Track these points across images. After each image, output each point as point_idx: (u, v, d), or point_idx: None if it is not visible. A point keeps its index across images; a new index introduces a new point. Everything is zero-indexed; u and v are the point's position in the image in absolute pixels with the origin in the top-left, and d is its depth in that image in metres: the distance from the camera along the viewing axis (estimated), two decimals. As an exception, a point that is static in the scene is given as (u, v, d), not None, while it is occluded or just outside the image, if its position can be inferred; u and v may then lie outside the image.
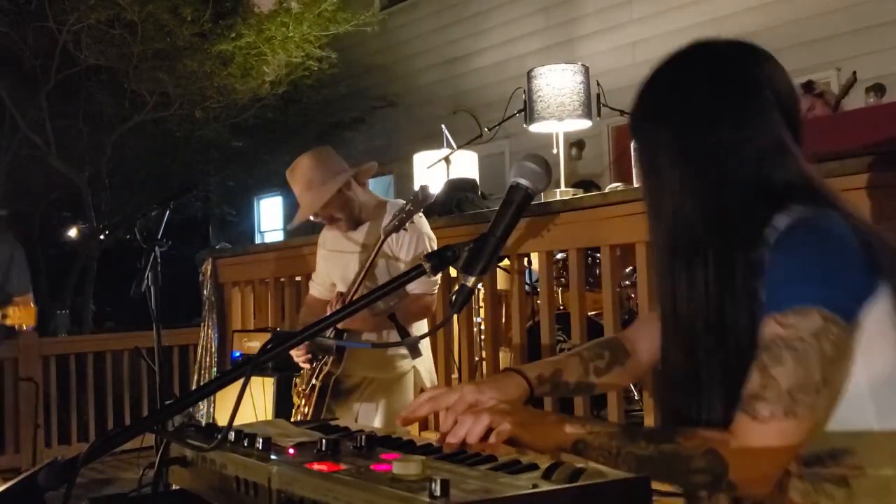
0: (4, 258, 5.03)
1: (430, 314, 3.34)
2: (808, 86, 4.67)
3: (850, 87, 4.58)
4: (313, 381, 3.23)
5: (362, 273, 3.13)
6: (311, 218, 3.33)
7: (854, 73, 4.73)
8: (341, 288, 3.34)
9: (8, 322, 4.51)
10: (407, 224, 3.05)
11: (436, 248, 3.26)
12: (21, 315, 4.48)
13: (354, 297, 3.16)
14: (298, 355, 3.26)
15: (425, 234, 3.26)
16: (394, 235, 3.17)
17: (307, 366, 3.28)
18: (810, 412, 1.17)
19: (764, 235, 1.23)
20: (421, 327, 3.33)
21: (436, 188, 5.39)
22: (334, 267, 3.42)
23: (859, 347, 1.19)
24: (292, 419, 3.27)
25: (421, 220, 3.29)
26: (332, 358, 3.21)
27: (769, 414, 1.16)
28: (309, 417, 3.21)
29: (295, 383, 3.36)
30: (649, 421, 3.35)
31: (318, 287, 3.56)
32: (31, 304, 4.61)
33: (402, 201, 3.27)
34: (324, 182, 3.19)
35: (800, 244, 1.19)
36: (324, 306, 3.41)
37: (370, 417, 3.26)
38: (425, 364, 3.37)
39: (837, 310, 1.16)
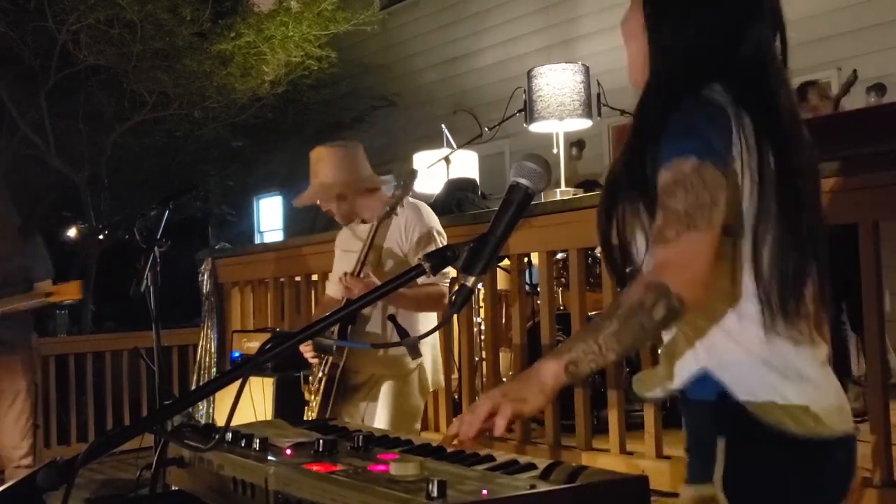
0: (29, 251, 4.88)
1: (442, 306, 3.32)
2: (802, 94, 4.62)
3: (851, 84, 4.57)
4: (320, 374, 3.24)
5: (363, 256, 3.13)
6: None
7: (854, 70, 4.72)
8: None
9: (54, 300, 4.39)
10: (398, 210, 3.12)
11: (443, 242, 3.27)
12: (66, 290, 4.38)
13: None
14: (307, 351, 3.26)
15: (434, 228, 3.25)
16: (402, 232, 3.20)
17: (315, 361, 3.27)
18: (709, 224, 1.34)
19: (670, 109, 1.42)
20: (430, 320, 3.31)
21: (436, 188, 5.41)
22: (346, 263, 3.42)
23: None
24: (305, 417, 3.26)
25: (431, 216, 3.29)
26: (334, 351, 3.21)
27: (675, 233, 1.34)
28: (317, 411, 3.20)
29: (308, 380, 3.35)
30: (649, 421, 3.35)
31: (334, 287, 3.56)
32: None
33: (411, 199, 3.31)
34: (324, 182, 3.29)
35: (684, 109, 1.41)
36: (337, 306, 3.40)
37: (376, 416, 3.26)
38: (431, 362, 3.36)
39: (709, 156, 1.36)
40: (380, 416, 3.24)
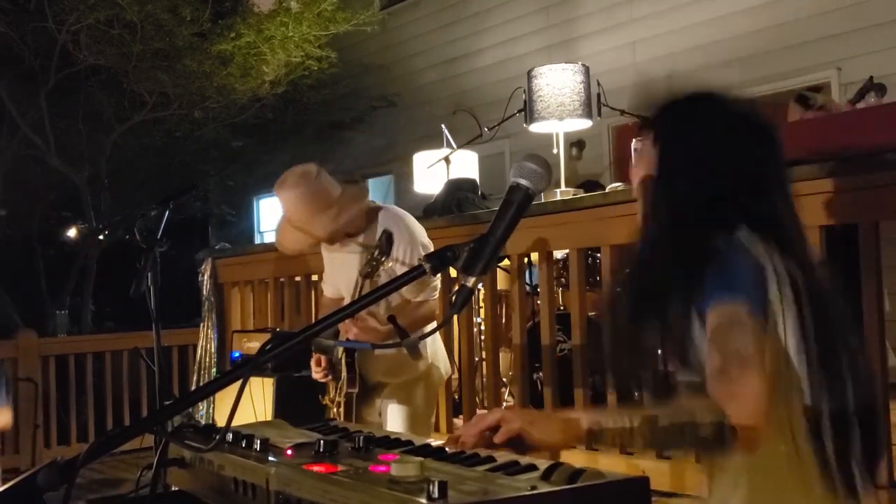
0: None
1: (437, 318, 3.32)
2: (804, 99, 4.61)
3: (867, 91, 4.56)
4: (338, 398, 3.23)
5: (358, 290, 3.07)
6: None
7: (871, 77, 4.71)
8: (345, 291, 3.33)
9: None
10: (379, 216, 3.14)
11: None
12: None
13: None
14: (317, 372, 3.23)
15: (420, 243, 3.22)
16: (393, 256, 3.12)
17: (326, 380, 3.25)
18: (761, 367, 1.38)
19: (707, 248, 1.48)
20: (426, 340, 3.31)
21: (436, 188, 5.41)
22: (338, 271, 3.40)
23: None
24: None
25: (416, 227, 3.26)
26: (346, 377, 3.16)
27: (738, 372, 1.37)
28: None
29: (327, 391, 3.33)
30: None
31: (329, 287, 3.55)
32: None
33: (393, 207, 3.31)
34: (311, 232, 3.21)
35: (722, 253, 1.47)
36: (338, 305, 3.40)
37: (390, 417, 3.26)
38: (442, 361, 3.36)
39: (754, 307, 1.42)
40: (395, 418, 3.24)
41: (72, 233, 10.70)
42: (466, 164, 5.90)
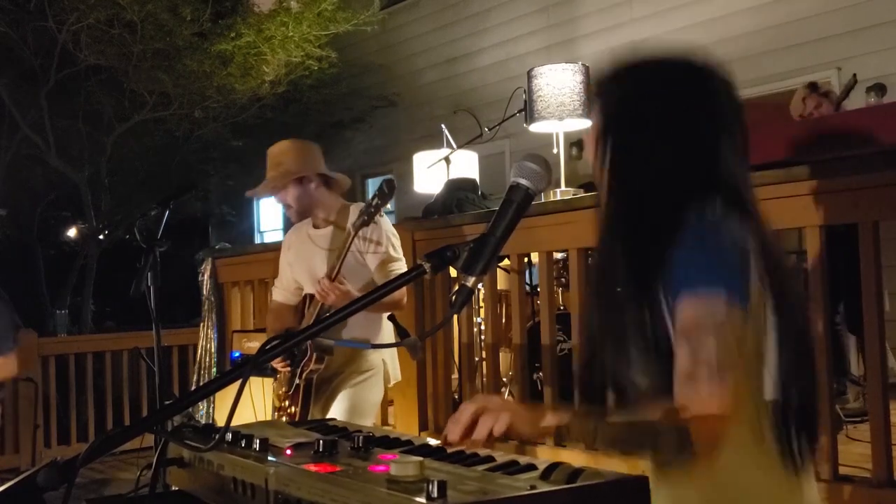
0: None
1: (401, 307, 3.33)
2: (814, 86, 4.67)
3: (851, 89, 4.58)
4: (296, 381, 3.24)
5: (339, 264, 3.13)
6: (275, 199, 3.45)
7: (854, 75, 4.73)
8: (308, 288, 3.35)
9: None
10: (375, 218, 3.14)
11: (398, 245, 3.31)
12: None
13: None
14: (276, 362, 3.26)
15: (387, 231, 3.29)
16: (361, 235, 3.21)
17: (286, 370, 3.28)
18: (733, 374, 1.31)
19: (674, 229, 1.37)
20: (382, 323, 3.33)
21: (436, 188, 5.41)
22: (300, 268, 3.44)
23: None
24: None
25: (385, 220, 3.32)
26: (313, 356, 3.20)
27: (707, 384, 1.30)
28: (298, 417, 3.21)
29: (273, 388, 3.36)
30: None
31: (283, 292, 3.58)
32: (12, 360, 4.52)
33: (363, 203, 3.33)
34: (289, 169, 3.32)
35: (698, 232, 1.36)
36: (290, 311, 3.48)
37: (333, 408, 3.28)
38: (393, 361, 3.40)
39: (736, 294, 1.32)
40: (337, 408, 3.26)
41: (72, 233, 10.72)
42: (466, 164, 5.90)
